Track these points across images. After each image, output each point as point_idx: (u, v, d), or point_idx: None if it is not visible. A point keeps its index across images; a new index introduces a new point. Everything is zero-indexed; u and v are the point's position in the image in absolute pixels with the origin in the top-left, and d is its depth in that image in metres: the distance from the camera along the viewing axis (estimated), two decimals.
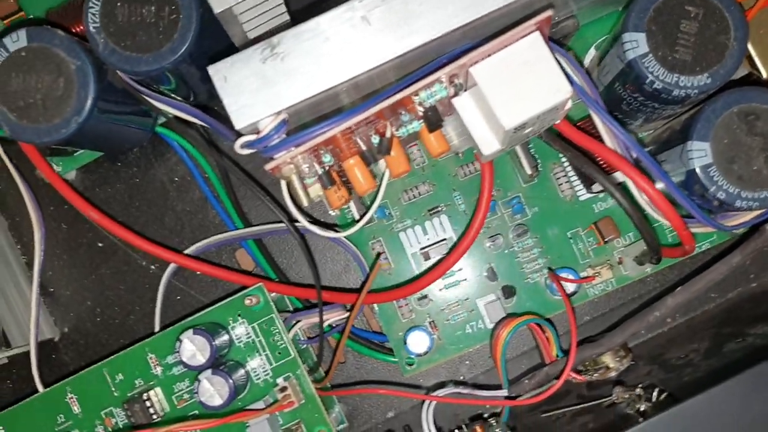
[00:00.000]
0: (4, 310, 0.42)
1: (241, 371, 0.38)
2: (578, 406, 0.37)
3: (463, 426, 0.38)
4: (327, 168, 0.33)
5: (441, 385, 0.40)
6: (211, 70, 0.31)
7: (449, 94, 0.32)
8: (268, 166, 0.31)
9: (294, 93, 0.31)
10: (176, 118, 0.39)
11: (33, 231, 0.45)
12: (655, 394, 0.34)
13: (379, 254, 0.41)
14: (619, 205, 0.34)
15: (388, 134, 0.32)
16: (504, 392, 0.37)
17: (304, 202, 0.33)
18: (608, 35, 0.40)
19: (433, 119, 0.32)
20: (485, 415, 0.40)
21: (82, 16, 0.39)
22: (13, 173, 0.42)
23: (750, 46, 0.38)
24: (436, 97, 0.31)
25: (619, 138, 0.35)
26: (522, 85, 0.30)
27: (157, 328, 0.43)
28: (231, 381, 0.37)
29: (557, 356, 0.38)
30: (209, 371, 0.37)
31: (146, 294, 0.45)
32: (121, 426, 0.39)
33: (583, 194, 0.41)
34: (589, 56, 0.41)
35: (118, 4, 0.34)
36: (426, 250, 0.41)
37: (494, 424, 0.37)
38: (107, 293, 0.45)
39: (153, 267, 0.45)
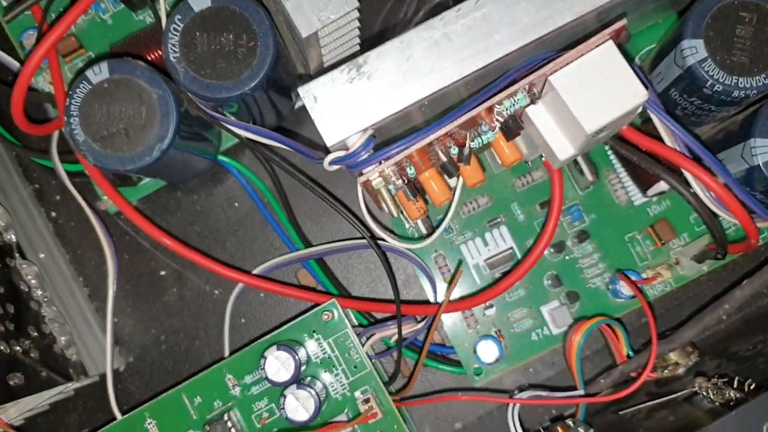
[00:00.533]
0: (78, 341, 0.43)
1: (320, 386, 0.39)
2: (654, 402, 0.38)
3: (541, 429, 0.39)
4: (409, 180, 0.34)
5: (518, 390, 0.41)
6: (302, 90, 0.33)
7: (526, 102, 0.33)
8: (361, 180, 0.32)
9: (380, 110, 0.32)
10: (248, 142, 0.40)
11: (93, 262, 0.46)
12: (736, 383, 0.35)
13: (461, 261, 0.42)
14: (688, 203, 0.35)
15: (468, 144, 0.34)
16: (581, 392, 0.38)
17: (394, 213, 0.34)
18: (654, 45, 0.42)
19: (513, 127, 0.33)
20: (564, 415, 0.41)
21: (144, 48, 0.42)
22: (83, 205, 0.42)
23: None
24: (516, 105, 0.33)
25: (678, 138, 0.36)
26: (600, 90, 0.32)
27: (226, 352, 0.43)
28: (316, 395, 0.37)
29: (628, 356, 0.39)
30: (294, 386, 0.37)
31: (210, 319, 0.46)
32: None
33: (638, 199, 0.43)
34: (637, 62, 0.42)
35: (197, 33, 0.36)
36: (490, 260, 0.42)
37: (572, 425, 0.38)
38: (171, 320, 0.46)
39: (216, 292, 0.46)
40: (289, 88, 0.41)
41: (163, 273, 0.46)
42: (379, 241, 0.39)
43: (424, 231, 0.41)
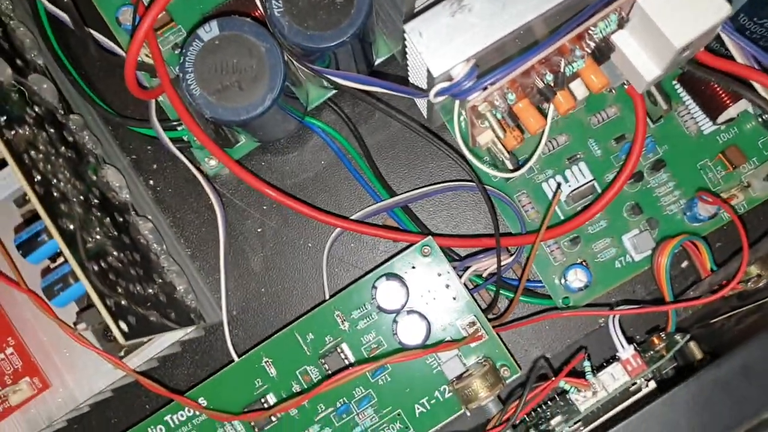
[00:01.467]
0: (193, 291, 0.45)
1: (424, 318, 0.41)
2: (743, 308, 0.40)
3: (635, 344, 0.41)
4: (509, 107, 0.37)
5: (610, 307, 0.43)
6: (407, 27, 0.35)
7: (616, 26, 0.36)
8: (468, 105, 0.35)
9: (481, 39, 0.35)
10: (350, 90, 0.43)
11: (193, 225, 0.48)
12: None
13: (559, 184, 0.45)
14: (763, 111, 0.38)
15: (563, 70, 0.36)
16: (672, 301, 0.40)
17: (501, 136, 0.36)
18: None
19: (605, 50, 0.36)
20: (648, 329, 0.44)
21: (243, 7, 0.44)
22: (190, 167, 0.45)
23: None
24: (609, 28, 0.35)
25: (749, 54, 0.39)
26: (685, 7, 0.34)
27: (326, 295, 0.46)
28: (426, 320, 0.40)
29: (712, 270, 0.42)
30: (405, 313, 0.40)
31: (306, 270, 0.48)
32: (316, 382, 0.42)
33: (707, 128, 0.45)
34: None
35: None
36: (573, 193, 0.45)
37: (663, 336, 0.40)
38: (269, 274, 0.48)
39: (309, 244, 0.48)
40: (373, 41, 0.44)
41: (260, 230, 0.49)
42: (491, 170, 0.41)
43: (510, 167, 0.44)
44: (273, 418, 0.42)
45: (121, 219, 0.42)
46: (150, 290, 0.39)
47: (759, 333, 0.36)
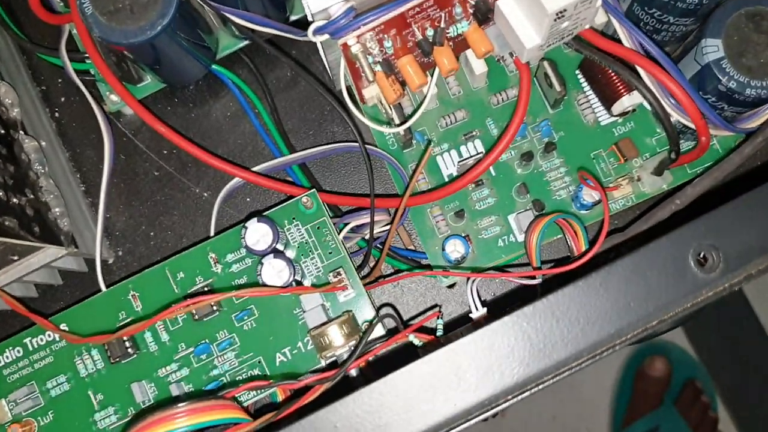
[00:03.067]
0: (71, 219, 0.45)
1: (297, 267, 0.41)
2: None
3: None
4: (387, 56, 0.37)
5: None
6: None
7: None
8: (340, 42, 0.35)
9: None
10: (244, 35, 0.43)
11: (91, 161, 0.48)
12: None
13: (429, 141, 0.45)
14: (643, 96, 0.38)
15: (442, 25, 0.37)
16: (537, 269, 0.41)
17: (370, 77, 0.37)
18: None
19: (483, 9, 0.37)
20: None
21: None
22: (89, 100, 0.45)
23: None
24: None
25: (635, 40, 0.39)
26: None
27: None
28: (292, 266, 0.40)
29: (585, 249, 0.42)
30: (271, 256, 0.40)
31: (198, 219, 0.48)
32: (181, 322, 0.42)
33: (604, 119, 0.46)
34: None
35: None
36: (463, 162, 0.45)
37: None
38: (161, 219, 0.48)
39: (205, 194, 0.48)
40: None
41: (156, 173, 0.49)
42: (371, 123, 0.42)
43: (397, 122, 0.44)
44: (131, 351, 0.42)
45: (3, 131, 0.42)
46: (14, 200, 0.39)
47: None
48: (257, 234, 0.40)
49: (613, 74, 0.43)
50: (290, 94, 0.49)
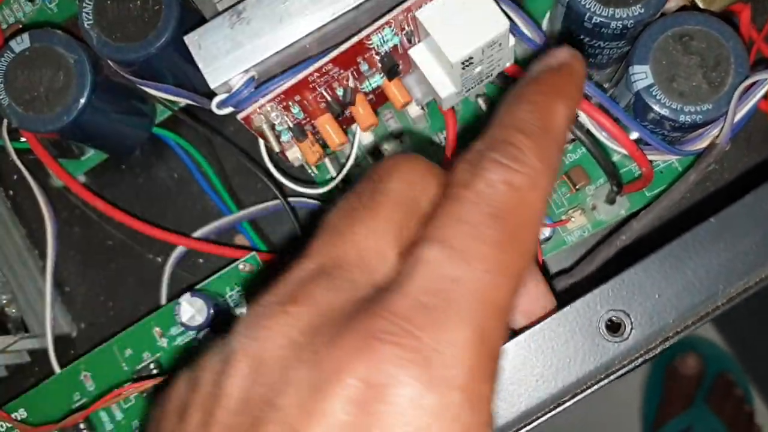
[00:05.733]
0: (24, 304, 0.45)
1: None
2: None
3: None
4: (297, 122, 0.36)
5: None
6: (187, 39, 0.35)
7: (402, 41, 0.35)
8: (240, 116, 0.34)
9: (260, 51, 0.34)
10: (170, 117, 0.43)
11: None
12: None
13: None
14: (574, 135, 0.36)
15: (351, 84, 0.35)
16: None
17: (276, 148, 0.36)
18: None
19: (389, 65, 0.35)
20: None
21: None
22: (29, 180, 0.45)
23: None
24: (389, 43, 0.34)
25: None
26: (463, 22, 0.33)
27: None
28: (211, 305, 0.39)
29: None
30: (208, 330, 0.39)
31: (153, 285, 0.48)
32: (133, 399, 0.42)
33: None
34: (546, 18, 0.44)
35: (109, 2, 0.39)
36: None
37: None
38: (118, 288, 0.48)
39: (158, 259, 0.48)
40: None
41: (110, 243, 0.49)
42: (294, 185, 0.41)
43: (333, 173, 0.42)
44: None
45: None
46: None
47: None
48: (192, 309, 0.39)
49: None
50: (235, 150, 0.48)
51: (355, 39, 0.33)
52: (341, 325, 0.21)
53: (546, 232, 0.42)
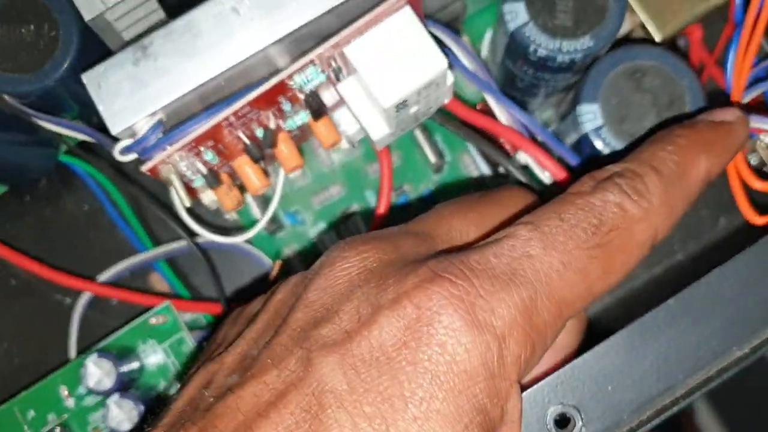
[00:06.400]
0: None
1: (153, 394, 0.36)
2: None
3: None
4: (211, 167, 0.32)
5: None
6: (85, 77, 0.31)
7: (330, 79, 0.31)
8: (144, 168, 0.30)
9: (167, 92, 0.30)
10: (80, 143, 0.39)
11: None
12: None
13: (278, 253, 0.40)
14: (508, 172, 0.33)
15: (272, 126, 0.32)
16: None
17: (186, 203, 0.32)
18: None
19: (315, 106, 0.31)
20: None
21: None
22: None
23: (641, 12, 0.38)
24: (313, 82, 0.31)
25: (510, 114, 0.34)
26: (397, 61, 0.30)
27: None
28: (141, 405, 0.35)
29: None
30: (117, 395, 0.35)
31: (63, 328, 0.43)
32: None
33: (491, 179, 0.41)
34: (486, 42, 0.40)
35: None
36: None
37: None
38: (24, 332, 0.44)
39: (68, 300, 0.43)
40: None
41: (14, 282, 0.44)
42: (209, 234, 0.37)
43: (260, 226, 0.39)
44: None
45: None
46: None
47: None
48: (99, 372, 0.35)
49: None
50: (150, 179, 0.44)
51: (274, 80, 0.30)
52: (415, 264, 0.24)
53: None
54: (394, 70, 0.30)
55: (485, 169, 0.40)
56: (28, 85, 0.34)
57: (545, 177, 0.35)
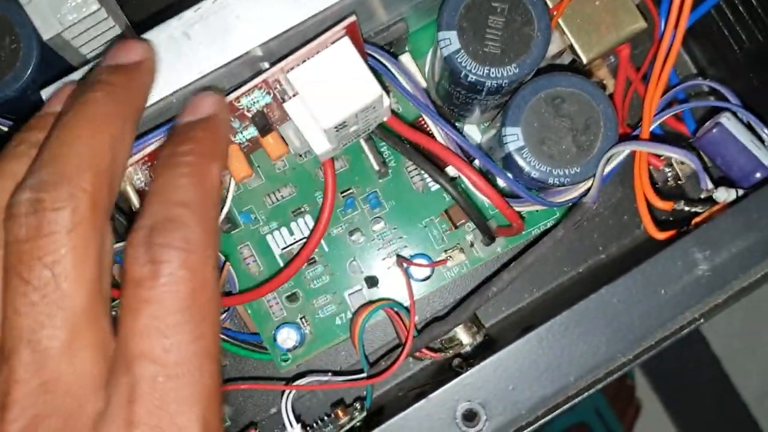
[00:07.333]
0: None
1: None
2: (430, 383, 0.40)
3: (329, 414, 0.40)
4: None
5: (302, 375, 0.42)
6: (44, 93, 0.33)
7: (276, 99, 0.34)
8: None
9: None
10: None
11: None
12: None
13: (227, 256, 0.43)
14: (446, 191, 0.37)
15: None
16: (363, 375, 0.39)
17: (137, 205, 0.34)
18: None
19: (262, 124, 0.34)
20: (351, 401, 0.43)
21: None
22: None
23: (570, 36, 0.41)
24: (259, 103, 0.33)
25: (444, 132, 0.37)
26: (336, 87, 0.32)
27: None
28: None
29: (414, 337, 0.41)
30: None
31: None
32: None
33: (434, 185, 0.44)
34: (428, 59, 0.43)
35: None
36: (289, 248, 0.43)
37: (357, 407, 0.39)
38: None
39: None
40: None
41: None
42: None
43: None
44: None
45: None
46: None
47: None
48: None
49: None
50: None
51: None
52: None
53: (426, 271, 0.43)
54: (333, 95, 0.32)
55: (427, 176, 0.43)
56: None
57: (472, 187, 0.38)
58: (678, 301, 0.27)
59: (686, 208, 0.35)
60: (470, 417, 0.28)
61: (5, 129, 0.38)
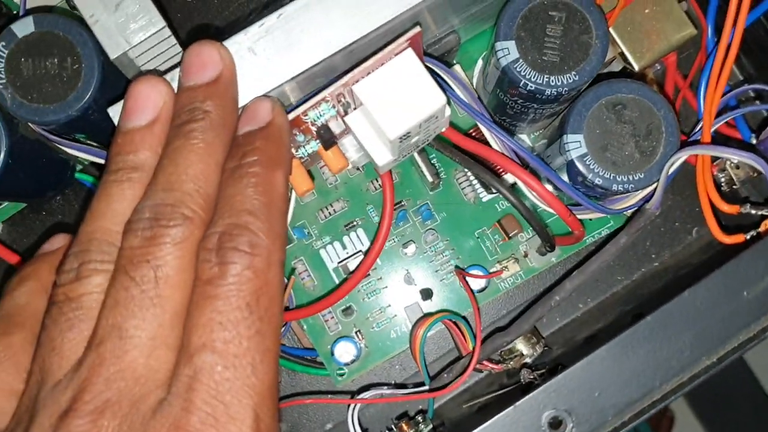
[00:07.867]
0: None
1: None
2: (493, 394, 0.39)
3: (392, 427, 0.40)
4: None
5: (366, 388, 0.42)
6: (112, 111, 0.33)
7: (339, 112, 0.34)
8: None
9: None
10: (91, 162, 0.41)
11: None
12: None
13: (293, 270, 0.43)
14: (506, 199, 0.36)
15: None
16: (425, 388, 0.39)
17: None
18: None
19: (326, 137, 0.34)
20: (413, 413, 0.42)
21: None
22: None
23: (621, 44, 0.41)
24: (325, 116, 0.34)
25: (500, 140, 0.37)
26: (400, 98, 0.32)
27: None
28: None
29: (473, 349, 0.41)
30: None
31: None
32: None
33: (485, 196, 0.44)
34: (478, 69, 0.43)
35: (22, 59, 0.36)
36: (344, 262, 0.43)
37: (420, 420, 0.39)
38: None
39: None
40: None
41: None
42: None
43: None
44: None
45: None
46: None
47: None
48: None
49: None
50: None
51: (291, 115, 0.32)
52: None
53: (481, 282, 0.43)
54: (398, 106, 0.32)
55: (477, 185, 0.43)
56: (52, 115, 0.36)
57: (530, 195, 0.38)
58: (761, 303, 0.27)
59: (753, 211, 0.35)
60: (556, 425, 0.27)
61: (65, 149, 0.38)
